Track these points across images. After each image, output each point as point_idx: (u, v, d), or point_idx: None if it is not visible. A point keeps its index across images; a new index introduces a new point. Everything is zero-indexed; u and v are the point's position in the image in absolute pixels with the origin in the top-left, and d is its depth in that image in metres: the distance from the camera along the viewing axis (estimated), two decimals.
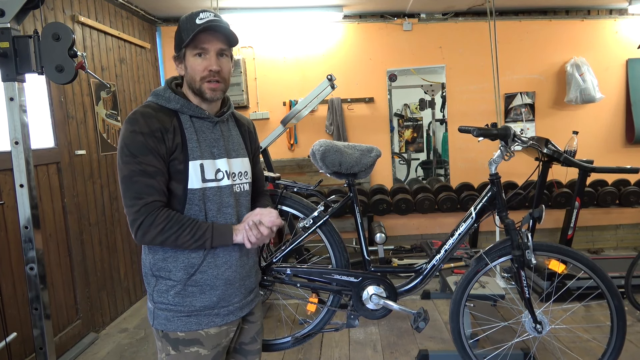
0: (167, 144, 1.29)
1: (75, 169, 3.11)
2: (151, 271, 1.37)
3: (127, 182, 1.26)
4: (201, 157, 1.33)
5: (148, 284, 1.40)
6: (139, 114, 1.30)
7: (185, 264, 1.34)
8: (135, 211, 1.25)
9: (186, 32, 1.32)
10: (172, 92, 1.36)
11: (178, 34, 1.37)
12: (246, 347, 1.54)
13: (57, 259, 2.88)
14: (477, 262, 2.14)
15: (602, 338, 2.70)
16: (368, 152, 2.05)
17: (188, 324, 1.35)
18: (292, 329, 3.02)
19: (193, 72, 1.34)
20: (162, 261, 1.35)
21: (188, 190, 1.32)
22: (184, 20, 1.35)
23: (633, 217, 4.85)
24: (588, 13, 4.74)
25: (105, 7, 3.57)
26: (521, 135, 2.08)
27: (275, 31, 4.64)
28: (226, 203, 1.39)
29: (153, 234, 1.26)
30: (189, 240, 1.28)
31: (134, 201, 1.25)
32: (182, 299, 1.34)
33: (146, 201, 1.25)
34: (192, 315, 1.35)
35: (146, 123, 1.27)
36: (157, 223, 1.25)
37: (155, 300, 1.37)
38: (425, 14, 4.70)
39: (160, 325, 1.36)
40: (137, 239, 1.28)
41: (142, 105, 1.35)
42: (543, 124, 4.81)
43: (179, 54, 1.38)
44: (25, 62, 1.69)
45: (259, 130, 4.74)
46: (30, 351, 2.56)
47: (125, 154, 1.26)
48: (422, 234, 4.85)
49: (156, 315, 1.37)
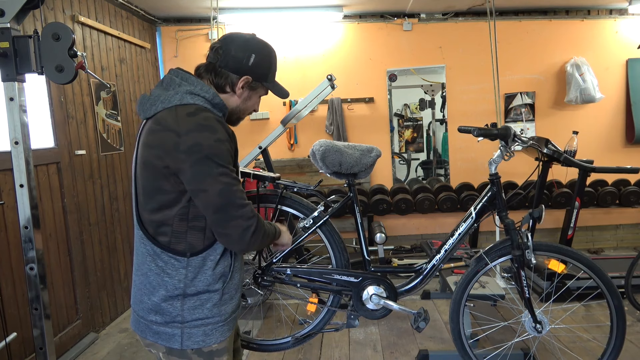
0: (233, 149, 1.30)
1: (75, 169, 3.11)
2: (182, 290, 1.28)
3: (229, 192, 1.22)
4: None
5: (171, 306, 1.28)
6: (213, 120, 1.23)
7: (221, 273, 1.33)
8: (248, 217, 1.25)
9: (272, 75, 1.41)
10: (220, 99, 1.32)
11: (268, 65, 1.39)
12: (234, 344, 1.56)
13: (57, 259, 2.88)
14: (477, 262, 2.14)
15: (602, 338, 2.70)
16: (368, 152, 2.05)
17: (224, 332, 1.33)
18: (292, 329, 3.02)
19: (248, 108, 1.42)
20: (201, 274, 1.29)
21: None
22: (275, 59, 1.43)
23: (633, 217, 4.85)
24: (588, 13, 4.74)
25: (105, 7, 3.57)
26: (521, 135, 2.08)
27: (275, 31, 4.64)
28: None
29: (261, 234, 1.31)
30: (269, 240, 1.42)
31: (242, 210, 1.24)
32: (219, 309, 1.32)
33: (250, 207, 1.27)
34: (226, 322, 1.34)
35: (223, 129, 1.25)
36: (260, 227, 1.29)
37: (186, 319, 1.28)
38: (425, 14, 4.70)
39: (197, 344, 1.29)
40: (250, 245, 1.28)
41: (199, 107, 1.25)
42: (543, 124, 4.81)
43: (255, 84, 1.38)
44: (25, 62, 1.69)
45: (259, 130, 4.79)
46: (30, 351, 2.56)
47: (216, 166, 1.20)
48: (422, 234, 4.85)
49: (189, 335, 1.28)
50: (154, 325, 1.30)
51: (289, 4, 4.27)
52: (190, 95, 1.26)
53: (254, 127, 4.73)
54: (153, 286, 1.29)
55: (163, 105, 1.25)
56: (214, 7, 3.97)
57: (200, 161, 1.18)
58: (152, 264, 1.29)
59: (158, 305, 1.29)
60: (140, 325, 1.34)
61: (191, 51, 4.62)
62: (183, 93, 1.26)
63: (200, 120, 1.20)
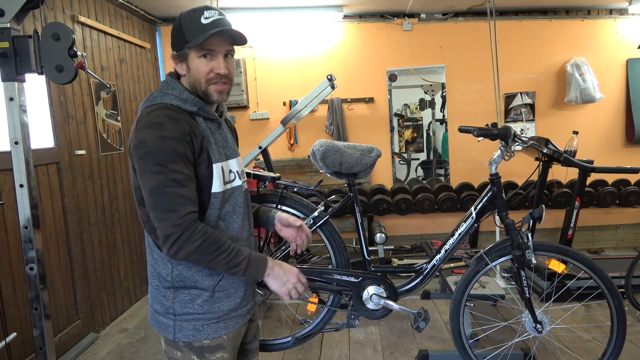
0: (195, 147, 1.23)
1: (75, 169, 3.11)
2: (171, 283, 1.30)
3: (158, 193, 1.17)
4: (220, 159, 1.30)
5: (164, 296, 1.31)
6: (164, 116, 1.20)
7: (211, 272, 1.30)
8: (170, 225, 1.16)
9: (190, 32, 1.25)
10: (189, 93, 1.28)
11: (179, 31, 1.28)
12: (247, 346, 1.54)
13: (57, 259, 2.88)
14: (477, 262, 2.14)
15: (602, 338, 2.70)
16: (368, 152, 2.05)
17: (217, 330, 1.32)
18: (292, 329, 3.02)
19: (198, 74, 1.28)
20: (186, 270, 1.29)
21: (212, 194, 1.28)
22: (186, 18, 1.27)
23: (633, 217, 4.85)
24: (588, 13, 4.74)
25: (105, 7, 3.57)
26: (521, 135, 2.08)
27: (275, 31, 4.64)
28: (239, 203, 1.36)
29: (188, 250, 1.18)
30: (222, 266, 1.22)
31: (167, 214, 1.17)
32: (211, 306, 1.30)
33: (180, 214, 1.17)
34: (221, 320, 1.32)
35: (175, 126, 1.19)
36: (193, 239, 1.17)
37: (178, 312, 1.30)
38: (425, 14, 4.70)
39: (187, 337, 1.30)
40: (171, 254, 1.19)
41: (158, 106, 1.24)
42: (543, 124, 4.81)
43: (180, 53, 1.29)
44: (25, 62, 1.69)
45: (259, 130, 4.79)
46: (30, 351, 2.56)
47: (153, 163, 1.17)
48: (422, 234, 4.85)
49: (180, 327, 1.30)
50: (156, 314, 1.35)
51: (289, 4, 4.27)
52: (162, 94, 1.28)
53: (254, 127, 4.74)
54: (151, 276, 1.35)
55: (143, 106, 1.29)
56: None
57: (142, 157, 1.18)
58: (150, 256, 1.35)
59: (155, 295, 1.34)
60: (150, 313, 1.40)
61: None
62: (157, 93, 1.29)
63: (152, 117, 1.20)
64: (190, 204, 1.20)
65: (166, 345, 1.35)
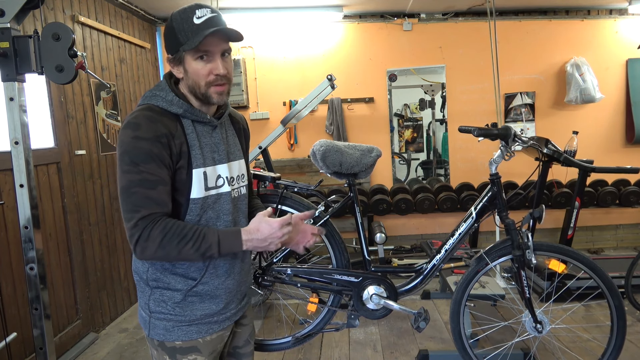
0: (173, 150, 1.20)
1: (75, 169, 3.11)
2: (146, 280, 1.30)
3: (125, 193, 1.16)
4: (204, 165, 1.26)
5: (142, 292, 1.32)
6: (142, 117, 1.19)
7: (185, 276, 1.28)
8: (132, 226, 1.15)
9: (184, 34, 1.21)
10: (174, 95, 1.26)
11: (171, 33, 1.24)
12: (240, 350, 1.52)
13: (57, 259, 2.88)
14: (477, 262, 2.14)
15: (602, 338, 2.70)
16: (368, 152, 2.05)
17: (189, 333, 1.30)
18: (292, 329, 3.01)
19: (197, 77, 1.25)
20: (160, 272, 1.28)
21: (190, 200, 1.24)
22: (177, 19, 1.22)
23: (633, 217, 4.85)
24: (588, 13, 4.74)
25: (105, 7, 3.57)
26: (521, 135, 2.08)
27: (275, 31, 4.64)
28: (225, 210, 1.32)
29: (152, 249, 1.15)
30: (193, 254, 1.18)
31: (130, 214, 1.15)
32: (182, 309, 1.29)
33: (142, 214, 1.15)
34: (193, 324, 1.30)
35: (150, 128, 1.17)
36: (153, 236, 1.15)
37: (152, 310, 1.30)
38: (425, 14, 4.70)
39: (158, 336, 1.30)
40: (137, 255, 1.18)
41: (142, 107, 1.23)
42: (543, 124, 4.81)
43: (175, 56, 1.25)
44: (25, 62, 1.69)
45: (259, 130, 4.78)
46: (30, 351, 2.56)
47: (126, 162, 1.16)
48: (422, 234, 4.85)
49: (153, 325, 1.30)
50: (140, 308, 1.37)
51: (289, 4, 4.27)
52: (151, 95, 1.27)
53: (254, 127, 4.73)
54: (133, 271, 1.36)
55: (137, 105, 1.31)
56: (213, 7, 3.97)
57: (119, 157, 1.19)
58: None
59: (138, 290, 1.35)
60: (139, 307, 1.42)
61: None
62: (148, 94, 1.29)
63: (131, 118, 1.20)
64: (155, 205, 1.17)
65: (147, 340, 1.37)
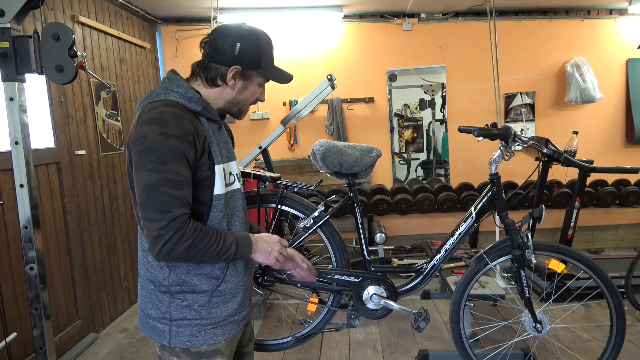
0: (197, 148, 1.19)
1: (75, 169, 3.11)
2: (167, 287, 1.27)
3: (153, 192, 1.12)
4: (222, 161, 1.28)
5: (159, 301, 1.28)
6: (168, 113, 1.17)
7: (210, 276, 1.28)
8: (161, 226, 1.11)
9: (266, 61, 1.32)
10: (195, 92, 1.26)
11: (257, 51, 1.30)
12: (243, 349, 1.53)
13: (57, 259, 2.88)
14: (477, 262, 2.14)
15: (601, 338, 2.70)
16: (368, 152, 2.05)
17: (214, 336, 1.29)
18: (292, 329, 3.02)
19: (249, 97, 1.35)
20: (185, 274, 1.26)
21: (214, 196, 1.25)
22: (266, 44, 1.33)
23: (633, 217, 4.85)
24: (588, 13, 4.74)
25: (105, 7, 3.57)
26: (521, 135, 2.08)
27: (275, 31, 4.64)
28: (239, 206, 1.35)
29: (180, 250, 1.14)
30: (214, 257, 1.20)
31: (159, 215, 1.11)
32: (208, 311, 1.28)
33: (174, 215, 1.12)
34: (218, 326, 1.30)
35: (178, 125, 1.15)
36: (184, 239, 1.13)
37: (174, 317, 1.27)
38: (425, 14, 4.70)
39: (183, 343, 1.27)
40: (161, 256, 1.14)
41: (163, 102, 1.21)
42: (543, 124, 4.81)
43: (247, 72, 1.31)
44: (25, 62, 1.69)
45: (259, 130, 4.79)
46: (30, 351, 2.56)
47: (151, 160, 1.12)
48: (422, 234, 4.85)
49: (176, 333, 1.27)
50: (149, 319, 1.31)
51: (289, 4, 4.27)
52: (165, 91, 1.25)
53: (254, 127, 4.74)
54: (145, 280, 1.32)
55: (145, 102, 1.26)
56: (213, 7, 3.97)
57: (140, 152, 1.14)
58: (144, 259, 1.32)
59: (150, 300, 1.30)
60: (140, 318, 1.36)
61: (191, 51, 4.62)
62: (161, 89, 1.27)
63: (155, 113, 1.17)
64: (183, 206, 1.15)
65: (161, 350, 1.32)
